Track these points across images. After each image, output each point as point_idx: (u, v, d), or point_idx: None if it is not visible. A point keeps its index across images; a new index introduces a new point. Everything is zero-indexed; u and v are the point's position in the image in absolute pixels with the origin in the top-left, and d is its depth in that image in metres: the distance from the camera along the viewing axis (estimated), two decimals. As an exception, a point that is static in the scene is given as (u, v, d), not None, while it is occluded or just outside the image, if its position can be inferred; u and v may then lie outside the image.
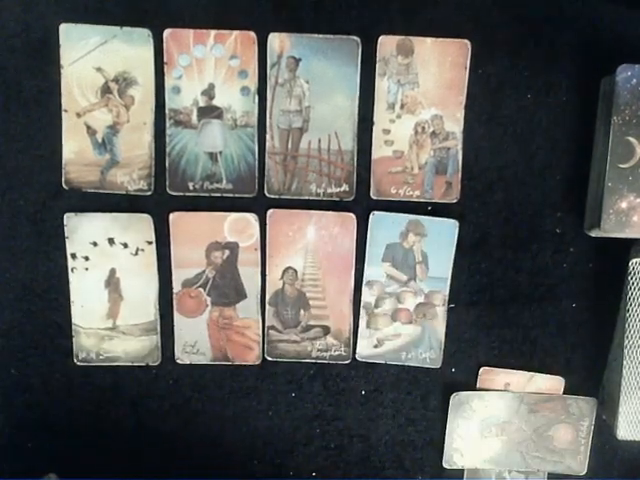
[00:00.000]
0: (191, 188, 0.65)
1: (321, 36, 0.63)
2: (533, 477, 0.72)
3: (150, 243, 0.66)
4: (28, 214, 0.66)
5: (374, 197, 0.66)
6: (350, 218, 0.66)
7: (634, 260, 0.64)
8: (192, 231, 0.66)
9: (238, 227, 0.66)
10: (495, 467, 0.71)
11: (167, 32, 0.63)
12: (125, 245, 0.66)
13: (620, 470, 0.72)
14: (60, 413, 0.70)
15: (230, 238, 0.66)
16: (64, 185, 0.65)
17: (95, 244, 0.66)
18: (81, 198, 0.65)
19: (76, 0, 0.63)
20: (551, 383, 0.69)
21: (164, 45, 0.63)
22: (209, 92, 0.64)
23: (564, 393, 0.69)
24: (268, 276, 0.67)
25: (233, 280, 0.67)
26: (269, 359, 0.69)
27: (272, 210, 0.66)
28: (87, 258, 0.66)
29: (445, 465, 0.71)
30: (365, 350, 0.69)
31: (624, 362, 0.64)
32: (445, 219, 0.66)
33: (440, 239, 0.66)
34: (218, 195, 0.66)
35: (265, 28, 0.63)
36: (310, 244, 0.67)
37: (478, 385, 0.70)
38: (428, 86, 0.64)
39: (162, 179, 0.65)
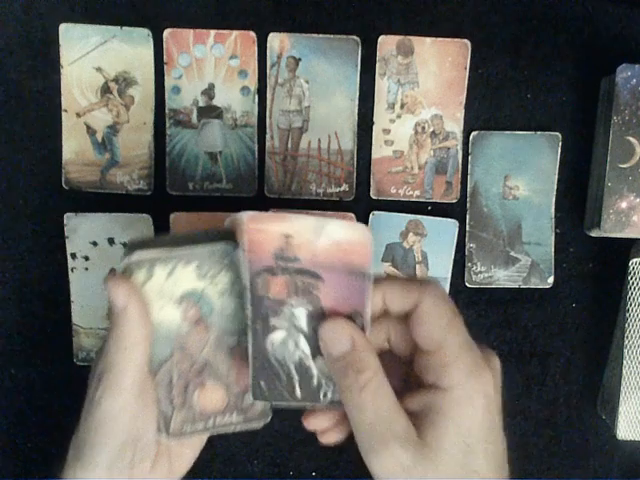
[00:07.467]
0: (191, 188, 0.65)
1: (321, 36, 0.63)
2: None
3: (150, 243, 0.66)
4: (28, 214, 0.66)
5: (374, 197, 0.66)
6: (350, 218, 0.66)
7: (634, 260, 0.64)
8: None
9: (238, 227, 0.66)
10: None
11: (167, 32, 0.63)
12: (125, 245, 0.66)
13: (620, 470, 0.72)
14: (60, 413, 0.70)
15: (230, 238, 0.66)
16: (64, 185, 0.65)
17: (95, 244, 0.66)
18: (81, 198, 0.65)
19: (76, 0, 0.63)
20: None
21: (164, 45, 0.63)
22: (209, 92, 0.64)
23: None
24: (268, 276, 0.67)
25: (233, 280, 0.67)
26: (269, 359, 0.69)
27: (272, 210, 0.66)
28: (87, 258, 0.66)
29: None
30: (365, 350, 0.69)
31: (624, 362, 0.64)
32: (445, 219, 0.66)
33: (440, 239, 0.66)
34: (218, 195, 0.66)
35: (265, 28, 0.63)
36: (310, 244, 0.67)
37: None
38: (428, 86, 0.64)
39: (162, 179, 0.65)
